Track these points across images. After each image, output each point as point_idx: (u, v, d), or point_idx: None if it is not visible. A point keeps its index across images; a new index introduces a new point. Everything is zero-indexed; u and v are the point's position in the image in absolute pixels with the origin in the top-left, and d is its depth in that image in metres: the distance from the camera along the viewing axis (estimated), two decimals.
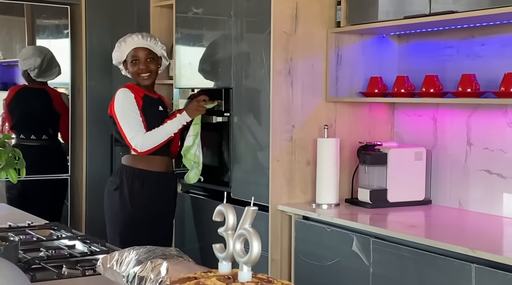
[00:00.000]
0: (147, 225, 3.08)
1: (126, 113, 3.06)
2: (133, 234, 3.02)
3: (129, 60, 3.17)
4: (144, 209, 3.09)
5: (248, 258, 1.01)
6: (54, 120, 4.31)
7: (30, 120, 4.20)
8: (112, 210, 3.13)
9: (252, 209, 1.04)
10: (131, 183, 3.09)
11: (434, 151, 3.02)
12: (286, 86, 3.00)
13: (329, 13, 3.07)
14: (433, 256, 2.29)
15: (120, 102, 3.08)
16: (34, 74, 4.17)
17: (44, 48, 4.27)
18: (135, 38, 3.16)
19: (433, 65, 3.00)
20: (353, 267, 2.59)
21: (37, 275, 1.68)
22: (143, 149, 3.04)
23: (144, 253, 1.59)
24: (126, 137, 3.05)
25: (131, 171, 3.10)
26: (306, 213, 2.87)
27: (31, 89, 4.21)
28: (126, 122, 3.05)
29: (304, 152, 3.06)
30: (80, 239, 2.12)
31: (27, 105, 4.18)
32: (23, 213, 2.71)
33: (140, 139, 3.03)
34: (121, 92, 3.11)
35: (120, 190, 3.09)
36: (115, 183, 3.12)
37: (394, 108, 3.26)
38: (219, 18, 3.35)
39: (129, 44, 3.16)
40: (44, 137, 4.23)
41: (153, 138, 3.05)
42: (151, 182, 3.11)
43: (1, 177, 1.55)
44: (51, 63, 4.23)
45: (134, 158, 3.10)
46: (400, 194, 2.94)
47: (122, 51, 3.18)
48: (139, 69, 3.14)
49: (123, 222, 3.07)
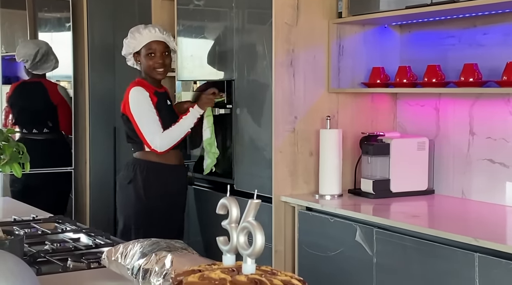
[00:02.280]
0: (161, 217, 3.09)
1: (144, 114, 3.04)
2: (148, 226, 3.03)
3: (144, 53, 3.11)
4: (158, 201, 3.09)
5: (252, 250, 1.02)
6: (52, 113, 4.31)
7: (30, 114, 4.21)
8: (126, 203, 3.12)
9: (256, 202, 1.05)
10: (145, 175, 3.08)
11: (437, 141, 3.03)
12: (288, 77, 3.00)
13: (330, 3, 3.07)
14: (436, 245, 2.30)
15: (136, 102, 3.05)
16: (28, 66, 4.17)
17: (40, 41, 4.26)
18: (152, 30, 3.11)
19: (435, 55, 2.99)
20: (357, 258, 2.60)
21: (42, 268, 1.69)
22: (163, 149, 3.05)
23: (149, 245, 1.60)
24: (145, 139, 3.04)
25: (144, 164, 3.09)
26: (309, 204, 2.88)
27: (28, 83, 4.22)
28: (144, 123, 3.03)
29: (306, 143, 3.06)
30: (84, 232, 2.13)
31: (26, 99, 4.19)
32: (27, 206, 2.72)
33: (159, 139, 3.02)
34: (136, 91, 3.06)
35: (134, 183, 3.08)
36: (128, 176, 3.11)
37: (396, 98, 3.26)
38: (220, 10, 3.35)
39: (145, 36, 3.10)
40: (45, 130, 4.25)
41: (171, 137, 3.05)
42: (165, 175, 3.11)
43: (6, 171, 1.56)
44: (46, 55, 4.22)
45: (147, 153, 3.10)
46: (403, 184, 2.94)
47: (137, 42, 3.11)
48: (156, 63, 3.10)
49: (138, 214, 3.07)
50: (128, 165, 3.15)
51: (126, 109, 3.09)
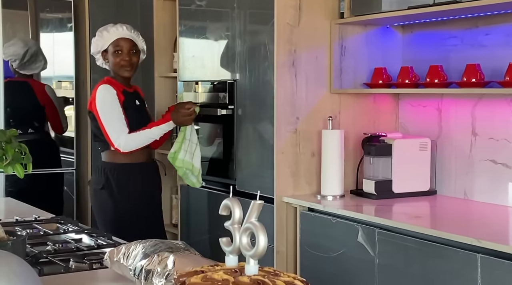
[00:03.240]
0: (140, 217, 3.07)
1: (109, 112, 3.01)
2: (128, 229, 2.98)
3: (111, 50, 3.10)
4: (134, 203, 3.07)
5: (254, 251, 1.02)
6: (38, 113, 4.25)
7: (16, 113, 4.15)
8: (101, 209, 3.10)
9: (258, 203, 1.04)
10: (117, 178, 3.06)
11: (439, 142, 3.02)
12: (290, 78, 3.00)
13: (332, 4, 3.07)
14: (439, 246, 2.29)
15: (102, 99, 3.02)
16: (16, 65, 4.14)
17: (30, 40, 4.23)
18: (119, 28, 3.11)
19: (437, 55, 2.99)
20: (359, 258, 2.60)
21: (44, 269, 1.69)
22: (126, 150, 3.01)
23: (151, 246, 1.60)
24: (109, 137, 3.00)
25: (114, 167, 3.07)
26: (311, 205, 2.88)
27: (14, 82, 4.15)
28: (109, 121, 3.00)
29: (308, 144, 3.06)
30: (86, 232, 2.13)
31: (12, 99, 4.13)
32: (29, 207, 2.72)
33: (123, 139, 2.99)
34: (103, 89, 3.04)
35: (108, 187, 3.06)
36: (100, 182, 3.08)
37: (398, 99, 3.25)
38: (222, 10, 3.35)
39: (113, 34, 3.10)
40: (30, 131, 4.20)
41: (136, 140, 3.01)
42: (136, 175, 3.09)
43: (8, 172, 1.56)
44: (35, 56, 4.19)
45: (115, 153, 3.06)
46: (405, 185, 2.94)
47: (104, 40, 3.10)
48: (122, 61, 3.08)
49: (115, 218, 3.05)
50: (98, 170, 3.12)
51: (92, 107, 3.06)
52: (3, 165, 1.55)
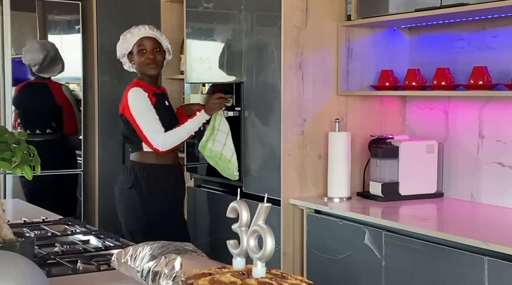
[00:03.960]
0: (167, 218, 3.11)
1: (144, 114, 3.05)
2: (156, 229, 3.03)
3: (135, 51, 3.14)
4: (161, 202, 3.10)
5: (262, 254, 1.02)
6: (56, 113, 4.31)
7: (34, 115, 4.21)
8: (129, 209, 3.12)
9: (266, 206, 1.05)
10: (146, 178, 3.09)
11: (446, 144, 3.02)
12: (297, 80, 3.00)
13: (339, 6, 3.07)
14: (446, 249, 2.29)
15: (136, 102, 3.06)
16: (36, 69, 4.18)
17: (49, 43, 4.27)
18: (141, 29, 3.15)
19: (444, 58, 2.99)
20: (365, 261, 2.60)
21: (52, 270, 1.70)
22: (165, 148, 3.05)
23: (158, 248, 1.60)
24: (147, 138, 3.04)
25: (143, 167, 3.10)
26: (318, 207, 2.88)
27: (33, 84, 4.22)
28: (145, 123, 3.04)
29: (315, 146, 3.06)
30: (94, 234, 2.13)
31: (30, 100, 4.19)
32: (37, 208, 2.74)
33: (162, 139, 3.03)
34: (134, 92, 3.08)
35: (137, 187, 3.09)
36: (129, 181, 3.11)
37: (405, 101, 3.25)
38: (229, 12, 3.36)
39: (135, 35, 3.14)
40: (48, 131, 4.25)
41: (174, 137, 3.06)
42: (163, 175, 3.12)
43: (17, 173, 1.57)
44: (54, 59, 4.23)
45: (144, 154, 3.10)
46: (412, 187, 2.94)
47: (128, 42, 3.15)
48: (147, 59, 3.12)
49: (144, 218, 3.07)
50: (127, 169, 3.15)
51: (125, 110, 3.09)
52: (11, 167, 1.56)
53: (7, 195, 4.07)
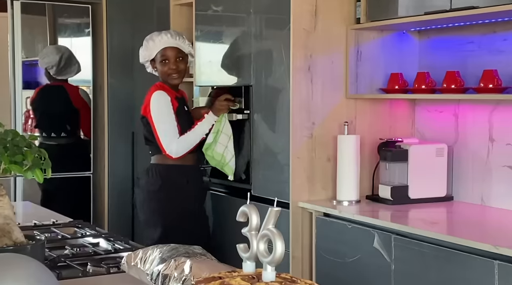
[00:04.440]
0: (196, 218, 3.15)
1: (163, 119, 3.06)
2: (186, 228, 3.06)
3: (158, 60, 3.15)
4: (187, 203, 3.13)
5: (272, 258, 1.03)
6: (72, 116, 4.35)
7: (51, 117, 4.25)
8: (159, 210, 3.11)
9: (276, 210, 1.05)
10: (174, 179, 3.11)
11: (456, 147, 3.01)
12: (306, 83, 3.00)
13: (348, 9, 3.07)
14: (455, 253, 2.28)
15: (158, 106, 3.07)
16: (53, 72, 4.22)
17: (62, 46, 4.31)
18: (164, 37, 3.14)
19: (454, 61, 2.98)
20: (375, 264, 2.59)
21: (63, 272, 1.71)
22: (178, 155, 3.08)
23: (168, 251, 1.61)
24: (161, 143, 3.07)
25: (168, 169, 3.12)
26: (327, 210, 2.87)
27: (51, 87, 4.27)
28: (162, 128, 3.06)
29: (324, 149, 3.06)
30: (104, 237, 2.14)
31: (47, 103, 4.24)
32: (47, 211, 2.75)
33: (175, 145, 3.05)
34: (158, 95, 3.09)
35: (166, 189, 3.10)
36: (156, 183, 3.12)
37: (415, 104, 3.24)
38: (238, 15, 3.36)
39: (158, 44, 3.14)
40: (63, 134, 4.28)
41: (187, 143, 3.08)
42: (187, 176, 3.15)
43: (28, 176, 1.58)
44: (69, 60, 4.27)
45: (165, 157, 3.12)
46: (422, 190, 2.93)
47: (150, 50, 3.15)
48: (169, 69, 3.13)
49: (173, 219, 3.08)
50: (152, 171, 3.16)
51: (147, 112, 3.11)
52: (22, 170, 1.57)
53: (17, 197, 4.09)
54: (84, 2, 4.33)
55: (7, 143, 1.56)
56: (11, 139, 1.56)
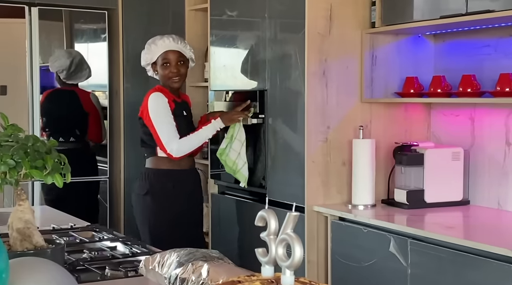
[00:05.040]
0: (184, 223, 3.13)
1: (162, 119, 3.08)
2: (171, 235, 3.06)
3: (159, 63, 3.18)
4: (178, 208, 3.12)
5: (290, 262, 1.03)
6: (82, 121, 4.35)
7: (60, 122, 4.26)
8: (145, 215, 3.16)
9: (294, 215, 1.06)
10: (161, 184, 3.12)
11: (472, 151, 3.00)
12: (321, 87, 3.01)
13: (363, 13, 3.07)
14: (472, 257, 2.27)
15: (155, 106, 3.10)
16: (63, 76, 4.23)
17: (74, 50, 4.34)
18: (166, 40, 3.17)
19: (470, 65, 2.97)
20: (391, 268, 2.59)
21: (81, 276, 1.72)
22: (179, 154, 3.08)
23: (185, 255, 1.62)
24: (162, 143, 3.07)
25: (158, 173, 3.13)
26: (342, 214, 2.88)
27: (61, 91, 4.26)
28: (161, 128, 3.07)
29: (339, 153, 3.06)
30: (121, 240, 2.16)
31: (57, 108, 4.23)
32: (65, 215, 2.77)
33: (176, 145, 3.06)
34: (155, 97, 3.12)
35: (152, 193, 3.12)
36: (144, 187, 3.14)
37: (430, 108, 3.24)
38: (253, 20, 3.38)
39: (160, 47, 3.17)
40: (72, 139, 4.28)
41: (189, 144, 3.09)
42: (179, 180, 3.14)
43: (48, 181, 1.60)
44: (80, 65, 4.29)
45: (159, 160, 3.13)
46: (438, 194, 2.92)
47: (152, 53, 3.19)
48: (170, 73, 3.15)
49: (159, 224, 3.10)
50: (143, 175, 3.18)
51: (143, 113, 3.13)
52: (43, 174, 1.59)
53: (35, 202, 4.13)
54: (101, 8, 4.37)
55: (27, 148, 1.58)
56: (32, 144, 1.59)
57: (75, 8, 4.31)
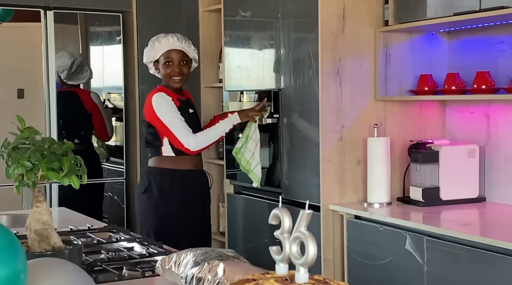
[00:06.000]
0: (180, 223, 3.11)
1: (172, 116, 3.05)
2: (167, 233, 3.04)
3: (162, 61, 3.15)
4: (175, 208, 3.11)
5: (304, 260, 1.04)
6: (85, 122, 4.36)
7: (64, 124, 4.27)
8: (143, 213, 3.17)
9: (307, 213, 1.06)
10: (159, 183, 3.11)
11: (488, 148, 2.98)
12: (335, 86, 3.01)
13: (376, 12, 3.07)
14: (489, 254, 2.26)
15: (162, 106, 3.07)
16: (64, 76, 4.23)
17: (75, 51, 4.34)
18: (170, 39, 3.15)
19: (484, 61, 2.96)
20: (407, 266, 2.58)
21: (99, 276, 1.75)
22: (196, 148, 3.07)
23: (201, 254, 1.64)
24: (178, 139, 3.05)
25: (158, 172, 3.13)
26: (358, 213, 2.88)
27: (62, 93, 4.24)
28: (174, 124, 3.05)
29: (354, 152, 3.06)
30: (138, 241, 2.18)
31: (60, 110, 4.22)
32: (82, 216, 2.80)
33: (193, 139, 3.05)
34: (158, 96, 3.09)
35: (149, 191, 3.13)
36: (143, 185, 3.15)
37: (445, 106, 3.23)
38: (267, 20, 3.39)
39: (164, 45, 3.14)
40: (76, 141, 4.30)
41: (206, 138, 3.08)
42: (179, 180, 3.13)
43: (65, 183, 1.63)
44: (81, 66, 4.31)
45: (161, 159, 3.13)
46: (453, 192, 2.91)
47: (155, 51, 3.16)
48: (172, 72, 3.13)
49: (155, 222, 3.11)
50: (143, 175, 3.21)
51: (150, 116, 3.10)
52: (60, 176, 1.62)
53: (52, 203, 4.17)
54: (115, 11, 4.40)
55: (44, 150, 1.60)
56: (48, 146, 1.61)
57: (90, 11, 4.35)
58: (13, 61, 4.14)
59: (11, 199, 3.46)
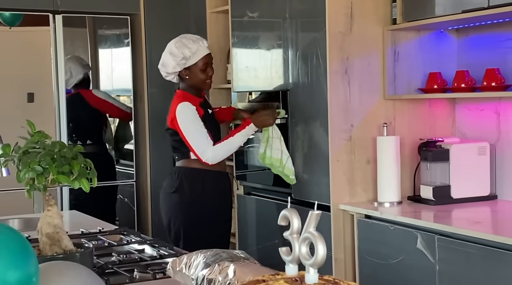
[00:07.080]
0: (208, 224, 3.13)
1: (193, 128, 3.05)
2: (195, 233, 3.07)
3: (199, 66, 3.10)
4: (204, 208, 3.12)
5: (314, 261, 1.04)
6: (96, 121, 4.37)
7: (73, 127, 4.28)
8: (172, 212, 3.17)
9: (316, 213, 1.06)
10: (190, 183, 3.12)
11: (498, 145, 2.97)
12: (343, 85, 3.00)
13: (384, 10, 3.06)
14: (501, 252, 2.25)
15: (185, 117, 3.06)
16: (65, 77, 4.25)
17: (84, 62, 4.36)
18: (205, 43, 3.14)
19: (494, 58, 2.94)
20: (419, 265, 2.57)
21: (111, 279, 1.75)
22: (215, 161, 3.08)
23: (211, 256, 1.64)
24: (196, 153, 3.06)
25: (188, 172, 3.13)
26: (368, 212, 2.87)
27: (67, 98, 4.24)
28: (194, 137, 3.05)
29: (364, 151, 3.05)
30: (149, 243, 2.19)
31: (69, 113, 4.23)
32: (93, 219, 2.82)
33: (211, 152, 3.05)
34: (183, 107, 3.06)
35: (180, 191, 3.13)
36: (173, 185, 3.15)
37: (454, 103, 3.21)
38: (274, 21, 3.39)
39: (202, 50, 3.10)
40: (89, 142, 4.31)
41: (224, 151, 3.07)
42: (209, 181, 3.14)
43: (75, 186, 1.64)
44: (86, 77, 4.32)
45: (191, 161, 3.14)
46: (464, 190, 2.90)
47: (196, 56, 3.09)
48: (208, 76, 3.13)
49: (185, 223, 3.12)
50: (172, 174, 3.19)
51: (174, 124, 3.10)
52: (70, 179, 1.62)
53: (64, 207, 4.19)
54: (123, 14, 4.41)
55: (54, 154, 1.61)
56: (58, 150, 1.62)
57: (98, 15, 4.36)
58: (22, 65, 4.17)
59: (23, 203, 3.47)
